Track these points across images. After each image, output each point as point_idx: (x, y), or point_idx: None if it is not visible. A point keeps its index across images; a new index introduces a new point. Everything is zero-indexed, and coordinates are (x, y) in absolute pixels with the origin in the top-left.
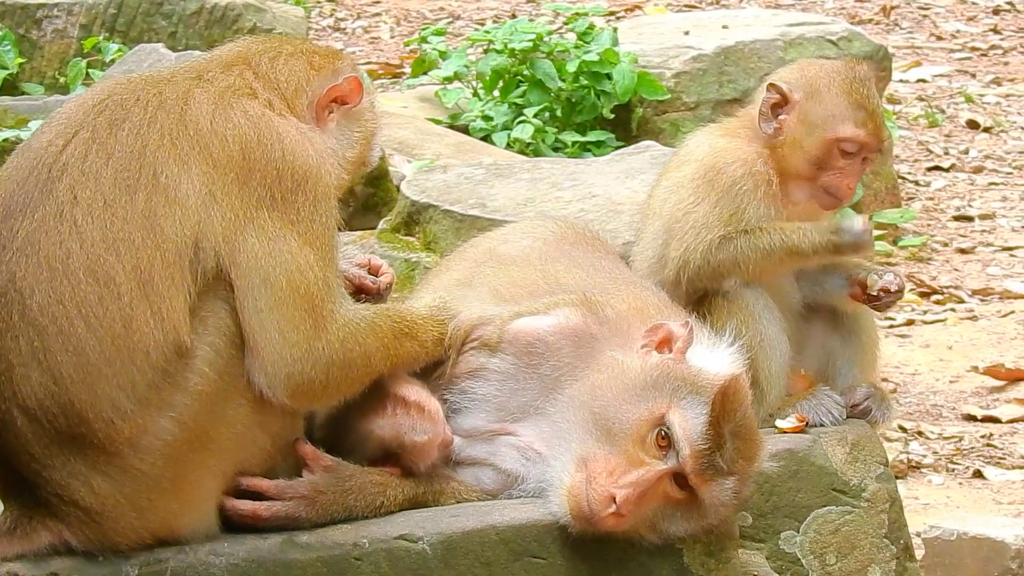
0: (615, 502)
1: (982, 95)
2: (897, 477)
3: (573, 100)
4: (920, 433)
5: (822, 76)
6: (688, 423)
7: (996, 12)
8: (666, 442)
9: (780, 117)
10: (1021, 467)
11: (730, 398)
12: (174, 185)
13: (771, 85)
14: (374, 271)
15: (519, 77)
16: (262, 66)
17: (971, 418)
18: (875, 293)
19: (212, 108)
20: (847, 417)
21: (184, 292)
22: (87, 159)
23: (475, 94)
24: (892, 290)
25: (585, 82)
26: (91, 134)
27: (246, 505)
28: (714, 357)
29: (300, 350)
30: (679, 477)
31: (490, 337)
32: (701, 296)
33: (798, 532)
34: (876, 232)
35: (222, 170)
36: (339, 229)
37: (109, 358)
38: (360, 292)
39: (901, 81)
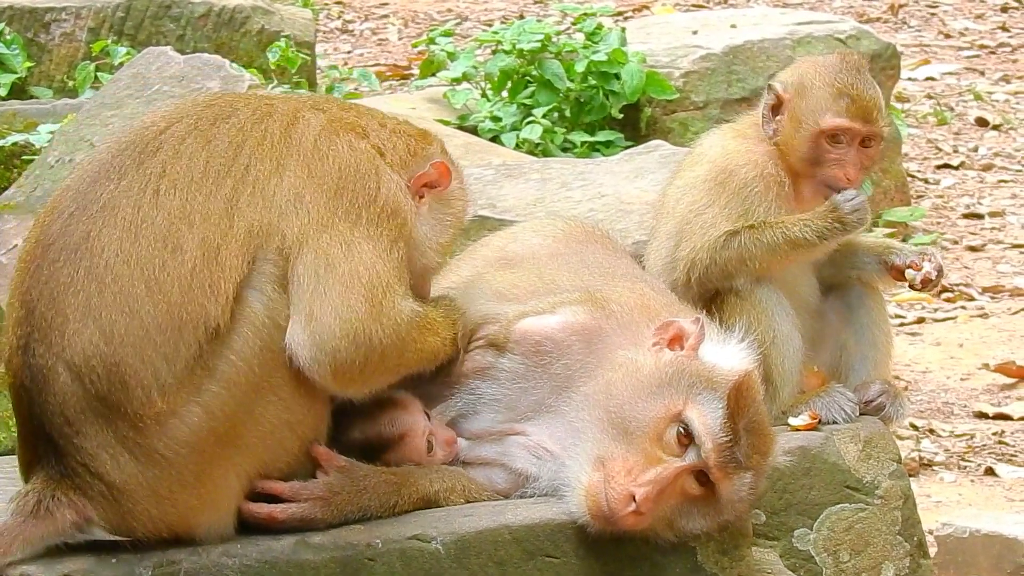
0: (634, 500)
1: (991, 92)
2: (909, 475)
3: (582, 100)
4: (931, 431)
5: (810, 72)
6: (707, 418)
7: (1004, 10)
8: (686, 439)
9: (777, 118)
10: None
11: (743, 394)
12: (264, 180)
13: (769, 86)
14: None
15: (527, 78)
16: (372, 126)
17: (982, 415)
18: (918, 287)
19: (319, 130)
20: (860, 414)
21: (238, 275)
22: (185, 141)
23: (483, 95)
24: (932, 279)
25: (594, 82)
26: (194, 122)
27: (261, 507)
28: (726, 353)
29: (352, 328)
30: (698, 473)
31: (497, 336)
32: (714, 294)
33: (811, 530)
34: (886, 230)
35: (316, 181)
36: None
37: (161, 325)
38: None
39: (910, 79)
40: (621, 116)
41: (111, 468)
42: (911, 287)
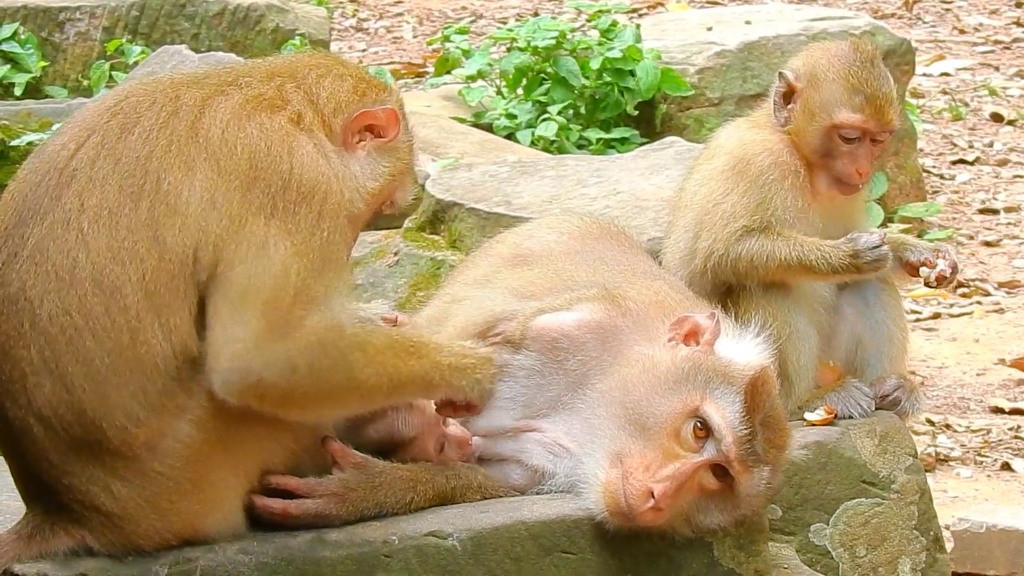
0: (653, 496)
1: (1006, 88)
2: (925, 470)
3: (597, 97)
4: (947, 426)
5: (823, 62)
6: (725, 412)
7: (1019, 5)
8: (703, 433)
9: (789, 106)
10: None
11: (760, 388)
12: (176, 192)
13: (780, 74)
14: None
15: (542, 75)
16: (308, 80)
17: (999, 411)
18: (933, 285)
19: (228, 118)
20: (876, 409)
21: (188, 303)
22: (95, 165)
23: (499, 92)
24: (947, 276)
25: (609, 79)
26: (101, 138)
27: (276, 503)
28: (742, 348)
29: (244, 349)
30: (715, 468)
31: (512, 333)
32: (729, 289)
33: (828, 524)
34: (902, 226)
35: (226, 177)
36: (347, 250)
37: (118, 369)
38: None
39: (925, 75)
40: (636, 113)
41: (105, 499)
42: (926, 284)
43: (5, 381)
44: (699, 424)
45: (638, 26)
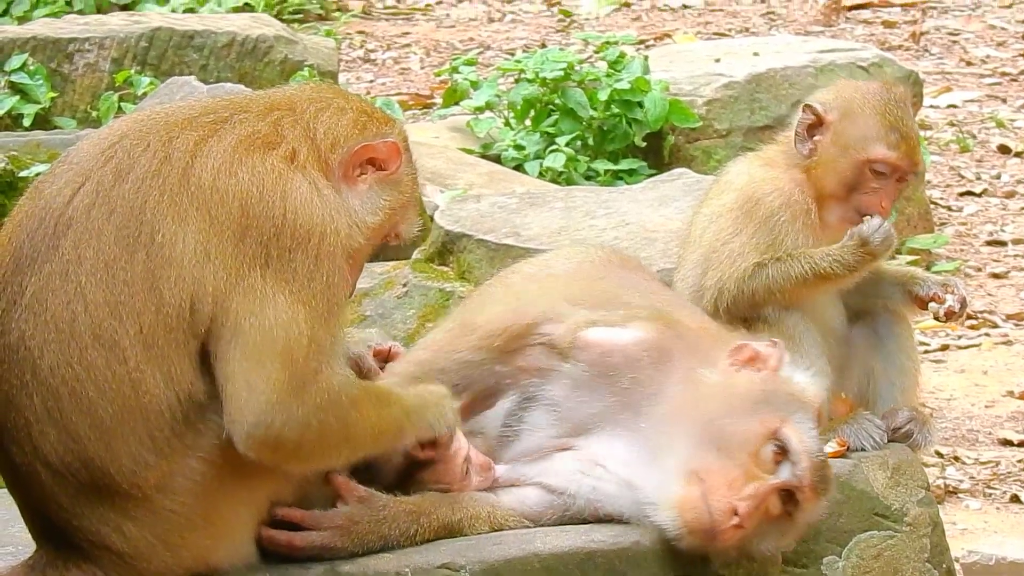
0: (736, 514)
1: (1013, 120)
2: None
3: (605, 128)
4: (956, 458)
5: (857, 97)
6: (803, 437)
7: None
8: (780, 456)
9: (815, 138)
10: None
11: (821, 416)
12: (170, 244)
13: (807, 106)
14: (382, 356)
15: (551, 106)
16: (306, 114)
17: (1007, 443)
18: (941, 320)
19: (219, 163)
20: (888, 441)
21: (189, 353)
22: (91, 213)
23: (507, 123)
24: (955, 311)
25: (617, 110)
26: (96, 185)
27: (282, 535)
28: (800, 376)
29: (268, 403)
30: (784, 493)
31: (560, 339)
32: (741, 320)
33: (840, 557)
34: (909, 258)
35: (219, 227)
36: (347, 291)
37: (122, 419)
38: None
39: (932, 107)
40: (644, 144)
41: (117, 539)
42: (935, 318)
43: (10, 428)
44: (777, 447)
45: (646, 58)
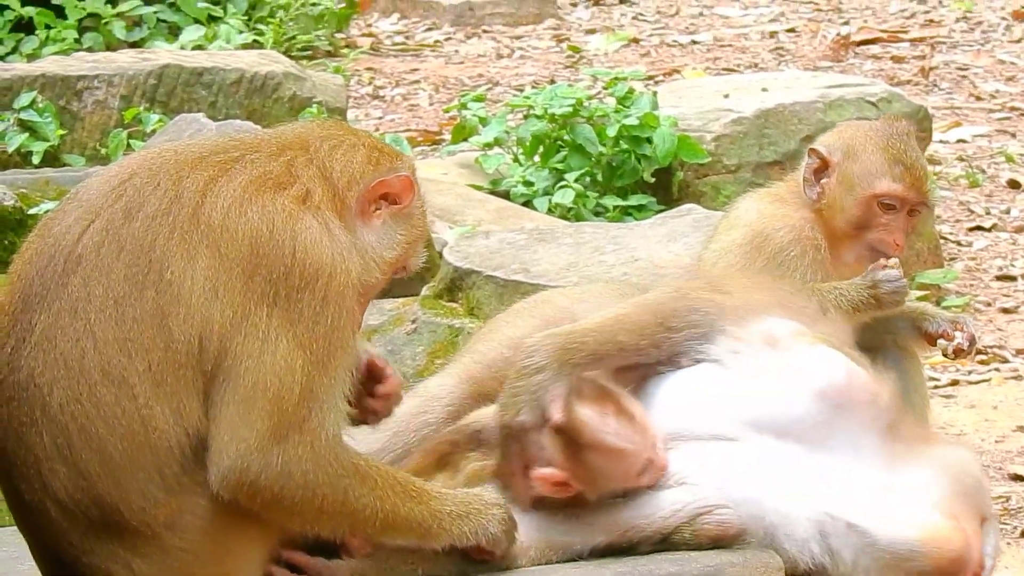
0: (983, 567)
1: (1022, 154)
2: None
3: (614, 164)
4: None
5: (859, 136)
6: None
7: None
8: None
9: (822, 181)
10: None
11: None
12: (179, 282)
13: (811, 150)
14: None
15: (559, 142)
16: (320, 153)
17: (1018, 478)
18: (950, 357)
19: (230, 203)
20: None
21: (197, 390)
22: (100, 251)
23: (515, 160)
24: (964, 349)
25: (625, 146)
26: (106, 223)
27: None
28: None
29: (246, 448)
30: None
31: (780, 333)
32: None
33: None
34: (918, 293)
35: (228, 265)
36: (354, 332)
37: (132, 456)
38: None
39: (941, 142)
40: (653, 180)
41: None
42: (943, 355)
43: (20, 466)
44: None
45: (655, 93)
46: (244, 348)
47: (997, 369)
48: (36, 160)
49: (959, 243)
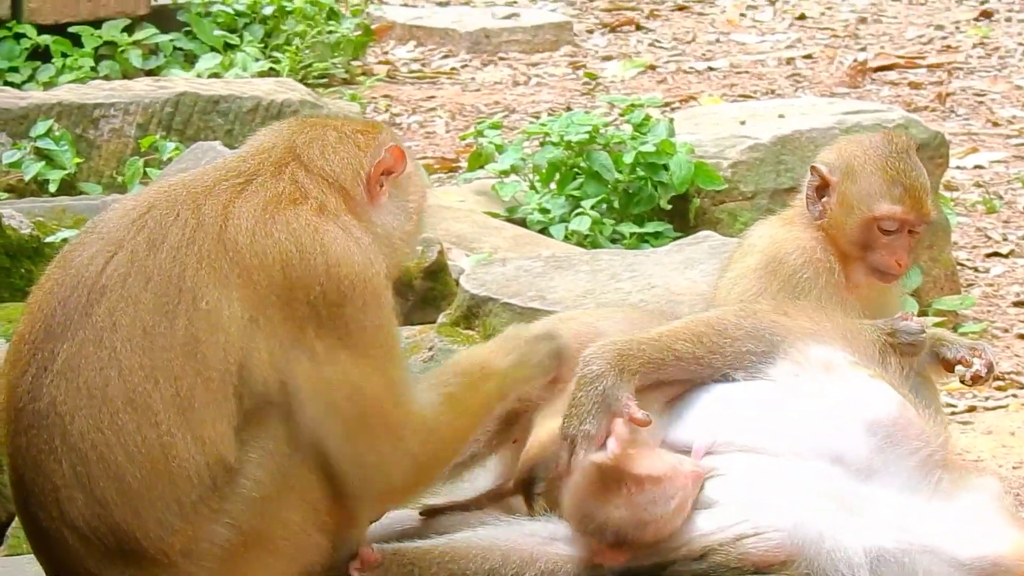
0: None
1: None
2: None
3: (630, 191)
4: None
5: (858, 154)
6: None
7: None
8: None
9: (823, 200)
10: None
11: None
12: (216, 311)
13: (812, 168)
14: None
15: (576, 169)
16: (313, 160)
17: None
18: (968, 384)
19: (253, 224)
20: None
21: (228, 415)
22: (126, 282)
23: (532, 187)
24: (982, 375)
25: (642, 173)
26: (130, 255)
27: None
28: None
29: (379, 472)
30: None
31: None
32: None
33: None
34: (936, 319)
35: (263, 293)
36: (396, 313)
37: (151, 484)
38: None
39: (958, 168)
40: (670, 207)
41: None
42: (961, 382)
43: (38, 493)
44: None
45: (671, 120)
46: (312, 374)
47: (1014, 395)
48: (53, 188)
49: (976, 269)
